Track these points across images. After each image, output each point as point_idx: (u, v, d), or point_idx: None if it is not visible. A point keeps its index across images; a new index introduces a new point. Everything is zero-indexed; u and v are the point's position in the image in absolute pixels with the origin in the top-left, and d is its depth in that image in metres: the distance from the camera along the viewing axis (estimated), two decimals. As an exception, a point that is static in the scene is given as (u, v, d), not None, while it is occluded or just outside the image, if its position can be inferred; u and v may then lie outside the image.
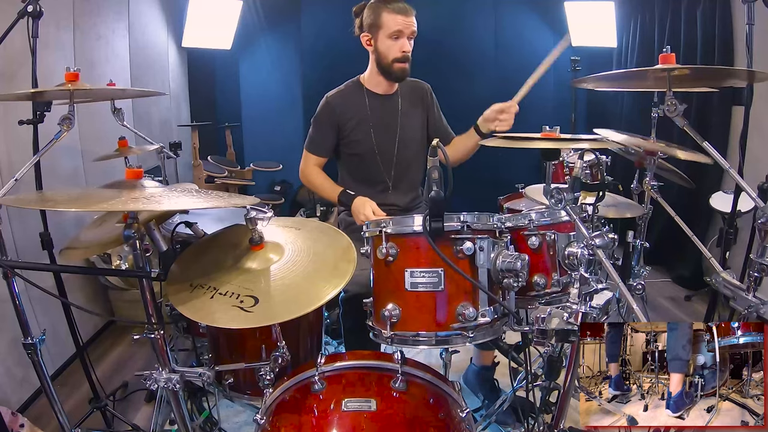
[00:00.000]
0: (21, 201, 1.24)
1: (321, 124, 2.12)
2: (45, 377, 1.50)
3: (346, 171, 2.23)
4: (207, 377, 1.31)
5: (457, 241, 1.23)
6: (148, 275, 1.24)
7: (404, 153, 2.15)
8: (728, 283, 1.29)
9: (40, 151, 1.53)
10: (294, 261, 1.35)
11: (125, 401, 2.35)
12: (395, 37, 1.99)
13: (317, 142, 2.13)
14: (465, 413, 1.23)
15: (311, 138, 2.15)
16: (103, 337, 3.02)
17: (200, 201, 1.24)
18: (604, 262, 1.15)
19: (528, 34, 4.67)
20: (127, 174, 1.28)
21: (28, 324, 1.47)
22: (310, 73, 4.41)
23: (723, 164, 1.27)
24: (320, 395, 1.20)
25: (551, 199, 1.24)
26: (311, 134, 2.15)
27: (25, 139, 1.74)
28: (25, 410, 2.22)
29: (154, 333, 1.27)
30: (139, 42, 3.72)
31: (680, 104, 1.28)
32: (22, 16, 1.65)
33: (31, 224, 2.09)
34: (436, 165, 1.19)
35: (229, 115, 4.75)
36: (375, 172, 2.15)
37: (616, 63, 4.55)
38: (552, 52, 1.80)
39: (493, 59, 4.69)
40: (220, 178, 4.28)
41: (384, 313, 1.26)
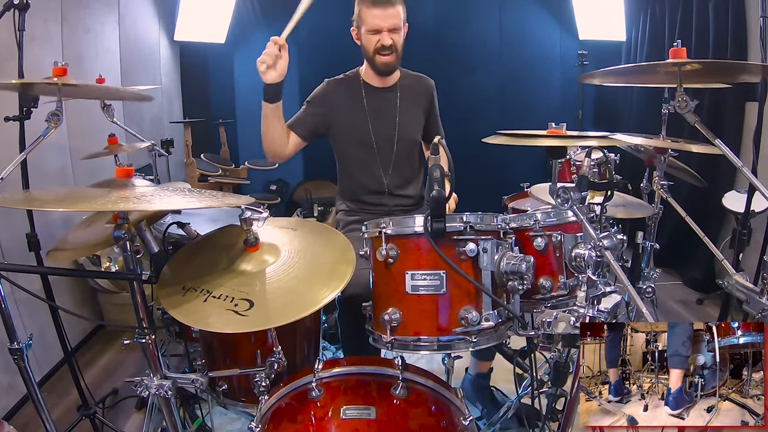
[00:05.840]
0: (7, 200, 1.20)
1: (309, 104, 2.10)
2: (32, 383, 1.47)
3: (344, 164, 2.19)
4: (200, 383, 1.30)
5: (460, 243, 1.20)
6: (138, 278, 1.23)
7: (403, 147, 2.12)
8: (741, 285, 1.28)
9: (27, 148, 1.50)
10: (290, 263, 1.33)
11: (115, 408, 2.32)
12: (374, 32, 1.95)
13: (298, 117, 2.08)
14: (468, 421, 1.21)
15: (296, 115, 2.10)
16: (92, 342, 2.98)
17: (193, 201, 1.22)
18: (612, 264, 1.14)
19: (533, 28, 4.65)
20: (117, 172, 1.26)
21: (14, 328, 1.44)
22: (307, 68, 4.38)
23: (736, 163, 1.25)
24: (318, 402, 1.19)
25: (557, 199, 1.23)
26: (298, 113, 2.11)
27: (10, 136, 1.70)
28: (11, 418, 2.19)
29: (145, 338, 1.26)
30: (129, 35, 3.67)
31: (691, 100, 1.26)
32: (8, 8, 1.61)
33: (17, 225, 2.06)
34: (437, 164, 1.17)
35: (223, 112, 4.71)
36: (372, 166, 2.12)
37: (625, 57, 4.51)
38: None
39: (497, 54, 4.67)
40: (213, 177, 4.24)
41: (384, 317, 1.23)
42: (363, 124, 2.08)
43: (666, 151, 2.00)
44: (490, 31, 4.67)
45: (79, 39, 3.04)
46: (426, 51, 4.04)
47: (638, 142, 1.97)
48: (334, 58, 2.39)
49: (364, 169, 2.13)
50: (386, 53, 1.97)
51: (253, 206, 1.33)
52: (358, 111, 2.08)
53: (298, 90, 4.28)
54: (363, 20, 1.96)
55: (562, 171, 3.15)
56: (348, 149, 2.14)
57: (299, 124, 2.06)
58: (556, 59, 4.62)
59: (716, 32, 3.40)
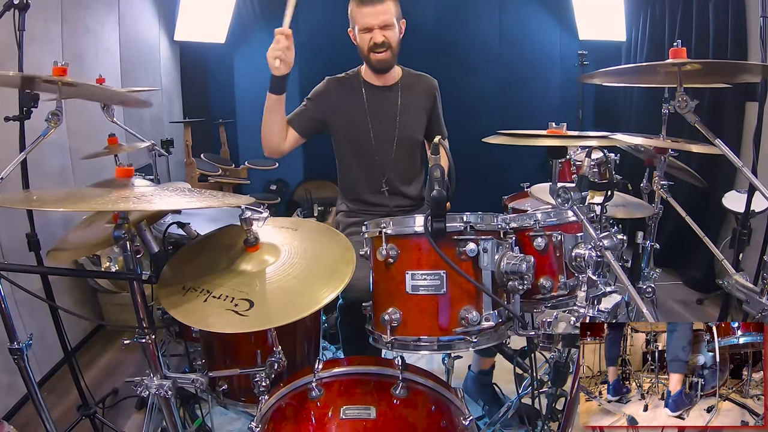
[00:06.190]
0: (7, 200, 1.20)
1: (309, 100, 2.10)
2: (32, 383, 1.47)
3: (344, 163, 2.19)
4: (200, 383, 1.30)
5: (460, 243, 1.20)
6: (138, 278, 1.22)
7: (403, 146, 2.12)
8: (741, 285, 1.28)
9: (27, 148, 1.49)
10: (290, 263, 1.32)
11: (115, 408, 2.32)
12: (366, 30, 1.95)
13: (297, 113, 2.08)
14: (468, 421, 1.20)
15: (295, 111, 2.09)
16: (92, 342, 2.98)
17: (193, 200, 1.22)
18: (612, 264, 1.13)
19: (533, 28, 4.65)
20: (117, 172, 1.26)
21: (14, 328, 1.44)
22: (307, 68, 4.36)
23: (736, 162, 1.25)
24: (318, 402, 1.18)
25: (558, 199, 1.22)
26: (297, 108, 2.10)
27: (11, 136, 1.70)
28: (11, 418, 2.19)
29: (145, 338, 1.25)
30: (129, 35, 3.66)
31: (691, 100, 1.25)
32: (8, 8, 1.61)
33: (17, 224, 2.05)
34: (437, 163, 1.17)
35: (223, 111, 4.70)
36: (372, 165, 2.11)
37: (625, 57, 4.51)
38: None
39: (497, 54, 4.66)
40: (213, 177, 4.23)
41: (384, 317, 1.23)
42: (363, 123, 2.07)
43: (666, 151, 1.99)
44: (490, 31, 4.65)
45: (79, 39, 3.04)
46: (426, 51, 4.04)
47: (638, 142, 1.97)
48: (335, 58, 2.38)
49: (364, 167, 2.13)
50: (380, 51, 1.96)
51: (253, 206, 1.33)
52: (357, 109, 2.08)
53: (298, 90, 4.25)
54: (355, 19, 1.96)
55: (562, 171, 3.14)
56: (347, 148, 2.13)
57: (298, 120, 2.05)
58: (556, 59, 4.61)
59: (716, 32, 3.39)
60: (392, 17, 1.94)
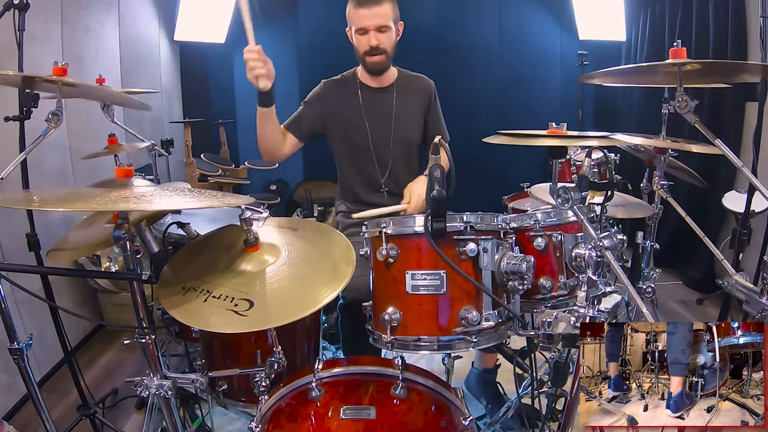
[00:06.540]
0: (7, 200, 1.20)
1: (306, 104, 2.09)
2: (32, 383, 1.47)
3: (342, 165, 2.19)
4: (200, 383, 1.30)
5: (460, 243, 1.19)
6: (138, 278, 1.22)
7: (400, 148, 2.12)
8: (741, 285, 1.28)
9: (27, 148, 1.49)
10: (290, 263, 1.32)
11: (115, 408, 2.32)
12: (362, 32, 1.94)
13: (295, 118, 2.07)
14: (468, 421, 1.20)
15: (293, 115, 2.09)
16: (92, 342, 2.98)
17: (193, 200, 1.22)
18: (612, 264, 1.13)
19: (533, 28, 4.65)
20: (117, 172, 1.26)
21: (14, 328, 1.44)
22: (307, 68, 4.38)
23: (736, 162, 1.24)
24: (318, 402, 1.19)
25: (558, 199, 1.22)
26: (294, 113, 2.10)
27: (10, 136, 1.70)
28: (11, 418, 2.19)
29: (145, 338, 1.25)
30: (129, 35, 3.66)
31: (691, 100, 1.25)
32: (8, 8, 1.61)
33: (17, 224, 2.05)
34: (437, 163, 1.17)
35: (223, 112, 4.70)
36: (370, 167, 2.12)
37: (625, 57, 4.51)
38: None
39: (497, 54, 4.66)
40: (213, 177, 4.23)
41: (384, 317, 1.23)
42: (359, 125, 2.07)
43: (666, 151, 1.99)
44: (490, 31, 4.65)
45: (79, 39, 3.04)
46: (426, 51, 4.04)
47: (638, 142, 1.97)
48: (334, 58, 2.38)
49: (362, 169, 2.13)
50: (374, 54, 1.96)
51: (253, 206, 1.33)
52: (354, 111, 2.08)
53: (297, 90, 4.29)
54: (351, 20, 1.95)
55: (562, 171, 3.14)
56: (345, 149, 2.13)
57: (296, 125, 2.05)
58: (556, 59, 4.62)
59: (716, 32, 3.39)
60: (389, 20, 1.93)
